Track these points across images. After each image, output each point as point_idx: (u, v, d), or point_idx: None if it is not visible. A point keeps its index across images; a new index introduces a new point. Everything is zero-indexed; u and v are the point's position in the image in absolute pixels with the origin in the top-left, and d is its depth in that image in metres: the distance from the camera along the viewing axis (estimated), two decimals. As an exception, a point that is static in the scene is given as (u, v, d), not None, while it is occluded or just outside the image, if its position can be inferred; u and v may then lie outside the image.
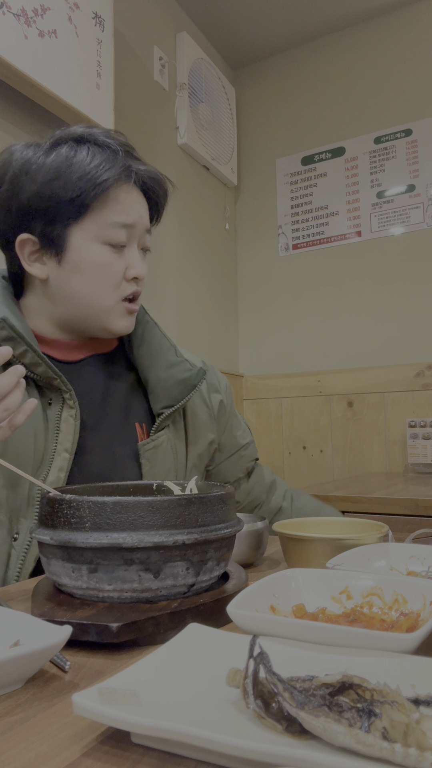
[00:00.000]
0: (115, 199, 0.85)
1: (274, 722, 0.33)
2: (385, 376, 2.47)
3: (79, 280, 0.86)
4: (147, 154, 2.22)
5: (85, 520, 0.53)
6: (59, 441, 0.83)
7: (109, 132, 0.90)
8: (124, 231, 0.87)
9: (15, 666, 0.41)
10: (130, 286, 0.90)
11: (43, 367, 0.82)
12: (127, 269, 0.89)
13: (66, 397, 0.85)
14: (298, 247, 2.75)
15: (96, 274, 0.86)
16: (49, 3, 1.58)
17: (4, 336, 0.80)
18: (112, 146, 0.87)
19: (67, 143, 0.86)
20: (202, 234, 2.59)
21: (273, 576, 0.55)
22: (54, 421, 0.84)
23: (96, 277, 0.86)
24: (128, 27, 2.13)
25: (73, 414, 0.84)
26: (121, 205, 0.86)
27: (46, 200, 0.83)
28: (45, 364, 0.82)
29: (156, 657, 0.41)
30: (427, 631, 0.42)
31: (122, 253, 0.88)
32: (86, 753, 0.34)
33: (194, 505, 0.55)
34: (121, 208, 0.86)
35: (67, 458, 0.82)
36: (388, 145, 2.56)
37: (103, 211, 0.85)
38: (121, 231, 0.86)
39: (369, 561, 0.65)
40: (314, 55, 2.75)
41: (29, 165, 0.84)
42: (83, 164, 0.83)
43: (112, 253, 0.87)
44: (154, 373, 0.96)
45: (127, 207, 0.86)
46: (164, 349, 0.99)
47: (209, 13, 2.56)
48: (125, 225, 0.86)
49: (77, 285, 0.87)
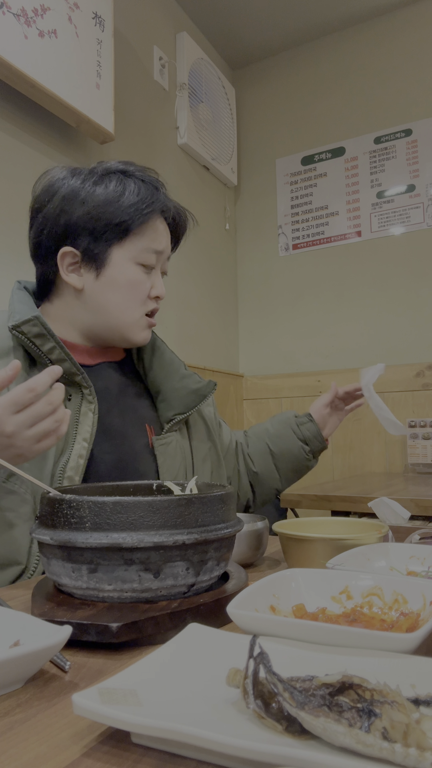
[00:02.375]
0: (153, 228, 0.98)
1: (274, 722, 0.33)
2: (385, 376, 2.46)
3: (114, 292, 0.97)
4: (147, 154, 2.22)
5: (85, 520, 0.53)
6: (78, 431, 0.91)
7: (144, 168, 1.03)
8: (155, 256, 0.99)
9: (15, 666, 0.41)
10: (152, 303, 1.02)
11: (68, 363, 0.90)
12: (152, 289, 1.01)
13: (86, 393, 0.93)
14: (298, 247, 2.75)
15: (129, 289, 0.98)
16: (49, 3, 1.58)
17: (35, 332, 0.88)
18: (153, 183, 1.00)
19: (116, 175, 0.98)
20: (202, 234, 2.59)
21: (273, 576, 0.55)
22: (73, 414, 0.92)
23: (128, 292, 0.98)
24: (128, 27, 2.13)
25: (92, 408, 0.93)
26: (156, 233, 0.99)
27: (95, 221, 0.94)
28: (70, 360, 0.90)
29: (156, 657, 0.41)
30: (427, 631, 0.42)
31: (150, 275, 1.00)
32: (86, 753, 0.34)
33: (194, 505, 0.55)
34: (156, 236, 0.99)
35: (86, 447, 0.90)
36: (388, 145, 2.56)
37: (142, 237, 0.97)
38: (153, 255, 0.99)
39: (369, 561, 0.65)
40: (314, 55, 2.75)
41: (80, 190, 0.96)
42: (132, 195, 0.96)
43: (143, 273, 0.99)
44: (168, 384, 1.07)
45: (160, 236, 1.00)
46: (175, 363, 1.10)
47: (209, 13, 2.56)
48: (157, 251, 0.99)
49: (111, 296, 0.98)
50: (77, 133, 1.82)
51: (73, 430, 0.90)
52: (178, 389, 1.06)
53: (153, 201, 0.97)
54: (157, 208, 0.97)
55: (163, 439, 1.01)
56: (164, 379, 1.07)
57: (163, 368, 1.08)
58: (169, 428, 1.03)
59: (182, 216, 1.06)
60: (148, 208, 0.96)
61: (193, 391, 1.06)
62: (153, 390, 1.08)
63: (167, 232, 1.02)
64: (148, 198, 0.97)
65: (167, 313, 2.30)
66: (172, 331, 2.31)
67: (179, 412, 1.04)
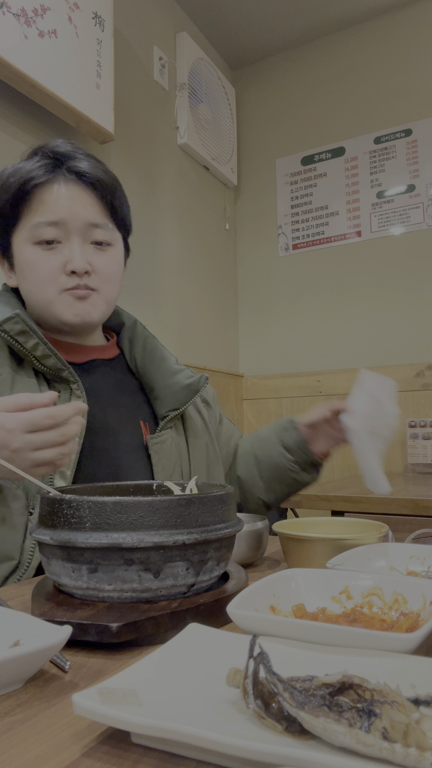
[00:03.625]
0: (39, 200, 0.90)
1: (274, 722, 0.33)
2: (385, 376, 2.47)
3: (24, 280, 0.93)
4: (147, 154, 2.22)
5: (85, 520, 0.53)
6: None
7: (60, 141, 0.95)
8: (53, 229, 0.90)
9: (15, 666, 0.41)
10: (71, 280, 0.92)
11: (53, 359, 0.88)
12: (66, 264, 0.91)
13: (74, 388, 0.90)
14: (298, 247, 2.75)
15: (30, 272, 0.92)
16: (49, 3, 1.58)
17: (18, 330, 0.86)
18: (39, 152, 0.92)
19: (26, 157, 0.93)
20: (202, 234, 2.59)
21: (273, 576, 0.55)
22: None
23: (30, 275, 0.92)
24: (128, 27, 2.13)
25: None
26: (44, 206, 0.90)
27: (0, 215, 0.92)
28: (55, 356, 0.88)
29: (156, 657, 0.41)
30: (427, 631, 0.42)
31: (57, 250, 0.91)
32: (86, 753, 0.34)
33: (194, 505, 0.55)
34: (45, 208, 0.90)
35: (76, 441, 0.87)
36: (388, 145, 2.56)
37: (29, 214, 0.91)
38: (49, 229, 0.90)
39: (369, 561, 0.65)
40: (314, 55, 2.75)
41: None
42: (16, 176, 0.90)
43: (43, 251, 0.91)
44: (160, 380, 1.03)
45: (52, 206, 0.90)
46: (166, 358, 1.06)
47: (209, 13, 2.56)
48: (52, 223, 0.90)
49: (24, 285, 0.94)
50: (77, 133, 1.82)
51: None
52: (170, 385, 1.02)
53: (28, 173, 0.90)
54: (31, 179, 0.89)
55: (157, 437, 0.98)
56: (156, 375, 1.04)
57: (154, 363, 1.05)
58: (163, 425, 1.00)
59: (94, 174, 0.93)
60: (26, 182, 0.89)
61: (186, 386, 1.02)
62: (146, 387, 1.05)
63: (74, 198, 0.91)
64: (24, 172, 0.90)
65: (167, 312, 2.30)
66: (172, 331, 2.31)
67: (172, 408, 1.01)
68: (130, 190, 2.26)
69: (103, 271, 0.94)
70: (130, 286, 2.07)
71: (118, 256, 0.99)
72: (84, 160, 0.93)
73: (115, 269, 0.98)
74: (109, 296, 0.98)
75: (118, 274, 0.99)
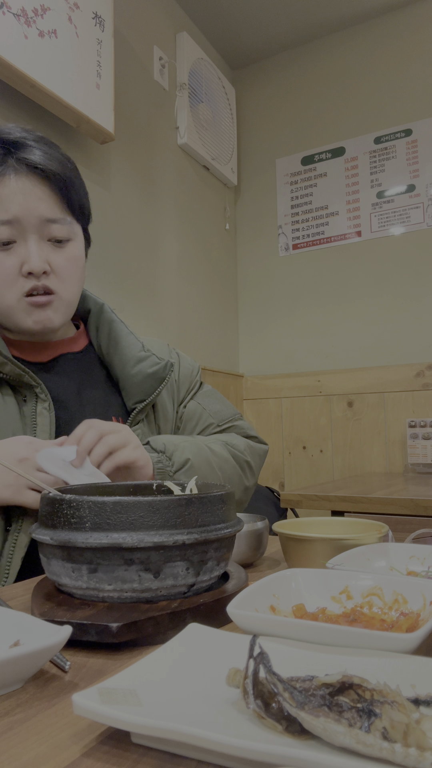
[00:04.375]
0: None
1: (274, 722, 0.33)
2: (385, 376, 2.48)
3: None
4: (147, 154, 2.22)
5: (85, 520, 0.53)
6: (37, 433, 0.86)
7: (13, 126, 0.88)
8: (6, 228, 0.84)
9: (15, 666, 0.41)
10: (27, 282, 0.86)
11: (10, 366, 0.85)
12: (23, 264, 0.85)
13: (37, 391, 0.87)
14: (298, 247, 2.75)
15: None
16: (49, 3, 1.58)
17: None
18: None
19: None
20: (202, 234, 2.59)
21: (273, 576, 0.55)
22: (30, 416, 0.87)
23: None
24: (128, 27, 2.13)
25: (46, 406, 0.87)
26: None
27: None
28: (11, 362, 0.85)
29: (156, 657, 0.41)
30: (427, 631, 0.42)
31: (13, 250, 0.85)
32: (86, 753, 0.34)
33: (194, 505, 0.55)
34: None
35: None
36: (388, 145, 2.56)
37: None
38: (1, 229, 0.83)
39: (369, 561, 0.65)
40: (314, 55, 2.75)
41: None
42: None
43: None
44: (124, 369, 0.97)
45: (3, 203, 0.83)
46: (131, 345, 0.99)
47: (209, 13, 2.56)
48: (4, 222, 0.83)
49: None
50: (77, 133, 1.82)
51: (32, 434, 0.85)
52: (133, 375, 0.96)
53: None
54: None
55: None
56: (120, 364, 0.97)
57: (118, 352, 0.98)
58: (133, 418, 0.94)
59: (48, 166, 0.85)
60: None
61: (150, 375, 0.95)
62: (113, 377, 0.99)
63: (29, 193, 0.84)
64: None
65: (167, 312, 2.30)
66: (172, 331, 2.31)
67: (139, 400, 0.95)
68: (130, 190, 2.27)
69: (63, 270, 0.88)
70: (131, 286, 2.07)
71: (78, 250, 0.92)
72: (36, 149, 0.85)
73: (75, 267, 0.91)
74: (70, 297, 0.92)
75: (78, 271, 0.92)
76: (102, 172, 1.97)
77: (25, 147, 0.85)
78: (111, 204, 2.01)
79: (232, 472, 0.99)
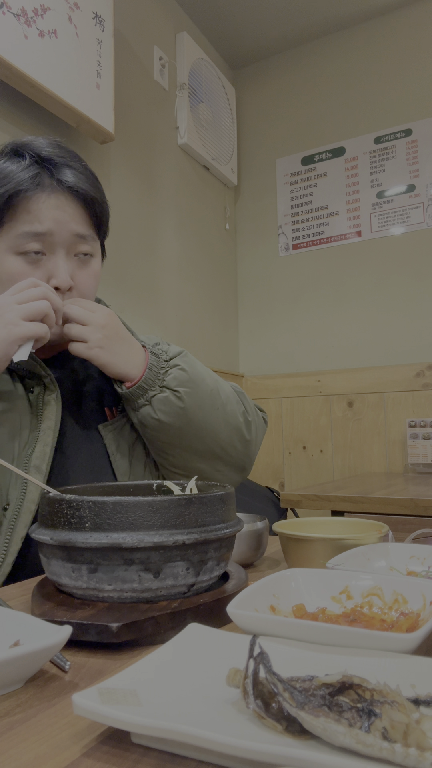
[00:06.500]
0: (24, 209, 0.86)
1: (274, 722, 0.33)
2: (385, 376, 2.48)
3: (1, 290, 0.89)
4: (147, 154, 2.22)
5: (85, 520, 0.53)
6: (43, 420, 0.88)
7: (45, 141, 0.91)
8: (36, 240, 0.87)
9: (15, 666, 0.41)
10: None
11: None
12: (50, 278, 0.88)
13: (46, 382, 0.90)
14: (298, 247, 2.75)
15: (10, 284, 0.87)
16: (49, 3, 1.58)
17: None
18: (26, 157, 0.87)
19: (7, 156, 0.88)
20: (202, 234, 2.59)
21: (273, 576, 0.55)
22: (37, 405, 0.90)
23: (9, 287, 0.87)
24: (128, 27, 2.13)
25: (54, 396, 0.90)
26: (30, 215, 0.86)
27: None
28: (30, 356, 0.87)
29: (156, 657, 0.41)
30: (427, 631, 0.42)
31: (41, 263, 0.88)
32: (86, 753, 0.34)
33: (194, 505, 0.55)
34: (31, 218, 0.86)
35: (51, 434, 0.88)
36: (388, 145, 2.56)
37: (12, 222, 0.86)
38: (32, 241, 0.86)
39: (369, 561, 0.65)
40: (314, 55, 2.75)
41: None
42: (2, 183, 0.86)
43: (26, 264, 0.87)
44: None
45: (38, 216, 0.86)
46: None
47: (209, 13, 2.56)
48: (37, 234, 0.86)
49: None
50: (77, 133, 1.83)
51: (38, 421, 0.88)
52: None
53: (14, 179, 0.85)
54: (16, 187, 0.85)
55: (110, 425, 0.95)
56: None
57: None
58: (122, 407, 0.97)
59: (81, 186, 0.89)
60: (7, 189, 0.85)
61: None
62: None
63: (61, 209, 0.88)
64: (9, 177, 0.85)
65: (167, 312, 2.30)
66: (172, 331, 2.31)
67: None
68: (130, 190, 2.26)
69: (83, 285, 0.92)
70: (131, 286, 2.07)
71: (98, 266, 0.97)
72: (71, 169, 0.90)
73: (95, 282, 0.95)
74: None
75: (96, 286, 0.97)
76: (102, 172, 1.97)
77: (61, 166, 0.89)
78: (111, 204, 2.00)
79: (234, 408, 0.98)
